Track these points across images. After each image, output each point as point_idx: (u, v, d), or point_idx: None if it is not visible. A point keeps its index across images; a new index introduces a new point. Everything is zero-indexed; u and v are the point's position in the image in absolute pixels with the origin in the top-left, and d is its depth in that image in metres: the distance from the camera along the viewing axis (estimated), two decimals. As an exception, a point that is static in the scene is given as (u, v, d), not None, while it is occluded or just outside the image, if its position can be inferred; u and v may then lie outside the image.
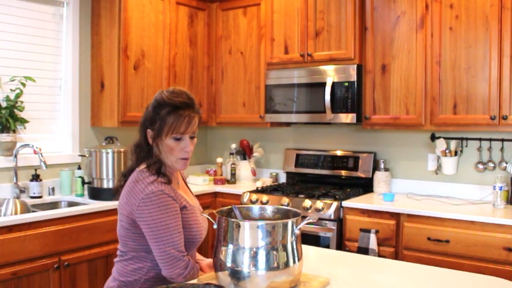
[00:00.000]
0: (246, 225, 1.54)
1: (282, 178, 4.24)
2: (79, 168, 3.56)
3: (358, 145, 3.90)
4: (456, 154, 3.40)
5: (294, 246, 1.57)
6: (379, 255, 3.06)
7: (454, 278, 1.81)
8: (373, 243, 3.08)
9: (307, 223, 1.62)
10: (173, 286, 1.44)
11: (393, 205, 3.18)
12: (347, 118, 3.49)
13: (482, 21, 3.05)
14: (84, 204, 3.25)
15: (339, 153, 3.90)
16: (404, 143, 3.70)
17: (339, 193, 3.50)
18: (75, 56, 3.68)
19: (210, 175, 4.30)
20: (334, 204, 3.27)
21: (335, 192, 3.53)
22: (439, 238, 2.91)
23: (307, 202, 3.35)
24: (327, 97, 3.52)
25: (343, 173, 3.83)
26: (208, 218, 1.69)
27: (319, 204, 3.31)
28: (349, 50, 3.50)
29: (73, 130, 3.69)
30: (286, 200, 3.46)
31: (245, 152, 4.33)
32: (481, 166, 3.35)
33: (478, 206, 3.13)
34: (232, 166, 4.24)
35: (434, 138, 3.46)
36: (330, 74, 3.55)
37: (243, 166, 4.29)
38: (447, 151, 3.39)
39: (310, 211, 3.32)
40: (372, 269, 1.94)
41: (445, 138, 3.41)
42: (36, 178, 3.35)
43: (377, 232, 3.10)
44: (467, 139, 3.39)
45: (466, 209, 3.04)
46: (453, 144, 3.40)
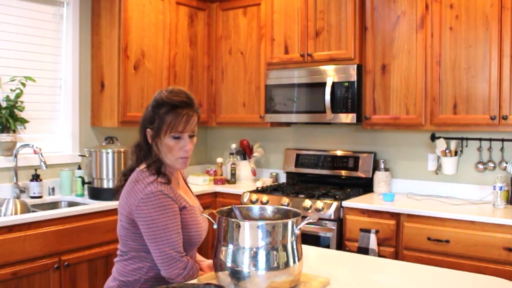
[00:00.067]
0: (246, 225, 1.54)
1: (282, 178, 4.24)
2: (79, 168, 3.56)
3: (358, 145, 3.90)
4: (456, 154, 3.40)
5: (294, 246, 1.57)
6: (379, 255, 3.06)
7: (454, 278, 1.81)
8: (373, 243, 3.08)
9: (307, 223, 1.62)
10: (173, 286, 1.44)
11: (393, 205, 3.18)
12: (347, 118, 3.49)
13: (482, 21, 3.05)
14: (84, 204, 3.25)
15: (339, 153, 3.90)
16: (404, 143, 3.70)
17: (339, 193, 3.50)
18: (75, 56, 3.68)
19: (210, 175, 4.30)
20: (334, 204, 3.27)
21: (335, 192, 3.53)
22: (439, 238, 2.91)
23: (307, 202, 3.35)
24: (327, 97, 3.52)
25: (343, 173, 3.83)
26: (208, 218, 1.69)
27: (319, 204, 3.31)
28: (349, 50, 3.50)
29: (73, 130, 3.69)
30: (286, 200, 3.46)
31: (245, 152, 4.33)
32: (481, 166, 3.35)
33: (478, 206, 3.13)
34: (232, 166, 4.24)
35: (434, 138, 3.46)
36: (330, 74, 3.55)
37: (243, 166, 4.29)
38: (447, 151, 3.39)
39: (310, 211, 3.32)
40: (372, 269, 1.94)
41: (445, 138, 3.41)
42: (36, 178, 3.35)
43: (377, 232, 3.10)
44: (467, 139, 3.39)
45: (466, 209, 3.04)
46: (453, 144, 3.40)
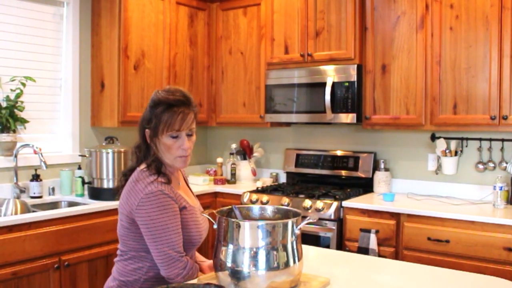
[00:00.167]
0: (246, 225, 1.54)
1: (282, 178, 4.24)
2: (79, 168, 3.56)
3: (358, 145, 3.90)
4: (456, 154, 3.40)
5: (294, 246, 1.57)
6: (379, 255, 3.06)
7: (454, 278, 1.81)
8: (373, 243, 3.08)
9: (307, 223, 1.62)
10: (173, 286, 1.44)
11: (393, 205, 3.18)
12: (347, 118, 3.49)
13: (482, 21, 3.05)
14: (84, 204, 3.25)
15: (339, 153, 3.90)
16: (404, 143, 3.70)
17: (339, 193, 3.50)
18: (75, 56, 3.68)
19: (210, 175, 4.30)
20: (334, 204, 3.27)
21: (335, 192, 3.53)
22: (439, 238, 2.91)
23: (307, 202, 3.35)
24: (327, 97, 3.52)
25: (343, 173, 3.83)
26: (208, 218, 1.69)
27: (319, 204, 3.31)
28: (349, 50, 3.50)
29: (73, 130, 3.69)
30: (286, 200, 3.46)
31: (245, 152, 4.33)
32: (481, 166, 3.35)
33: (478, 206, 3.13)
34: (232, 166, 4.24)
35: (434, 138, 3.46)
36: (330, 74, 3.55)
37: (243, 166, 4.29)
38: (447, 151, 3.39)
39: (310, 211, 3.32)
40: (372, 269, 1.94)
41: (445, 138, 3.41)
42: (36, 178, 3.35)
43: (377, 232, 3.10)
44: (467, 139, 3.39)
45: (466, 209, 3.04)
46: (453, 144, 3.40)
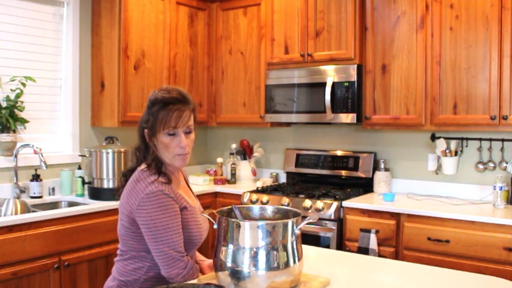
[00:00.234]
0: (246, 225, 1.54)
1: (282, 178, 4.24)
2: (79, 168, 3.56)
3: (358, 145, 3.90)
4: (456, 154, 3.40)
5: (294, 246, 1.57)
6: (379, 255, 3.06)
7: (454, 278, 1.81)
8: (373, 243, 3.08)
9: (307, 223, 1.62)
10: (173, 286, 1.44)
11: (393, 205, 3.18)
12: (347, 118, 3.49)
13: (482, 21, 3.05)
14: (84, 204, 3.25)
15: (339, 153, 3.90)
16: (404, 143, 3.70)
17: (339, 193, 3.50)
18: (75, 56, 3.68)
19: (210, 175, 4.30)
20: (334, 204, 3.27)
21: (335, 192, 3.53)
22: (439, 238, 2.91)
23: (307, 202, 3.35)
24: (327, 97, 3.52)
25: (343, 173, 3.83)
26: (208, 218, 1.69)
27: (319, 204, 3.31)
28: (349, 50, 3.50)
29: (73, 130, 3.69)
30: (286, 200, 3.46)
31: (245, 152, 4.33)
32: (481, 166, 3.35)
33: (478, 206, 3.13)
34: (232, 166, 4.24)
35: (434, 138, 3.46)
36: (330, 74, 3.55)
37: (243, 166, 4.29)
38: (447, 151, 3.39)
39: (310, 211, 3.32)
40: (372, 269, 1.94)
41: (445, 138, 3.41)
42: (36, 178, 3.35)
43: (377, 232, 3.10)
44: (467, 139, 3.39)
45: (466, 209, 3.04)
46: (453, 144, 3.40)
